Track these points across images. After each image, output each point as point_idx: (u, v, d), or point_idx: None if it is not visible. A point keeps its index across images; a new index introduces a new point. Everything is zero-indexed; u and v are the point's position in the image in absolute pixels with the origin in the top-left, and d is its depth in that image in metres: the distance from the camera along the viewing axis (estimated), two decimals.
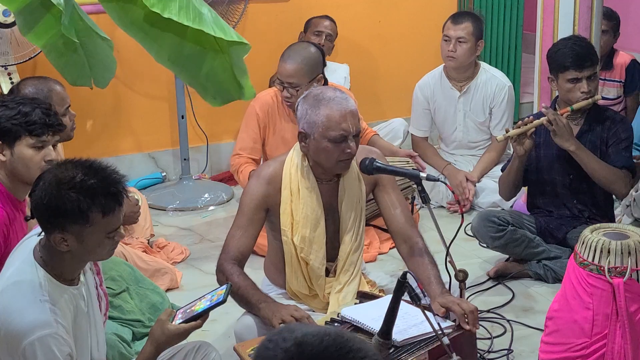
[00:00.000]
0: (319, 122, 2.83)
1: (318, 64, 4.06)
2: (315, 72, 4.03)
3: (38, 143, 2.75)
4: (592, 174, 3.72)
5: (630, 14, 5.89)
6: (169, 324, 2.32)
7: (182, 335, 2.33)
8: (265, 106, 4.22)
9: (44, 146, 2.76)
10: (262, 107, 4.22)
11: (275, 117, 4.22)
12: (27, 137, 2.73)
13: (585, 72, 3.70)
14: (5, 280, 2.23)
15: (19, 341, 2.13)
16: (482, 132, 4.88)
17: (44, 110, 2.77)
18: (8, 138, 2.73)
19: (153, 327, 2.36)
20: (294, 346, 1.36)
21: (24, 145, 2.74)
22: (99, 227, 2.18)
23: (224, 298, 2.32)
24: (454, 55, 4.66)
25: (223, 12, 4.93)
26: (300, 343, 1.36)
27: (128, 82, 5.04)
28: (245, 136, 4.26)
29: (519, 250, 3.84)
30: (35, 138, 2.74)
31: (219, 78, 2.12)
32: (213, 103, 2.20)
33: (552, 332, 2.80)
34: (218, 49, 2.46)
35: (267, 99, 4.24)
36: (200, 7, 2.06)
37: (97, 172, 2.20)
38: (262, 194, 2.96)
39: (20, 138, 2.73)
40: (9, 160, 2.75)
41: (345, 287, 2.97)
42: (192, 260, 4.21)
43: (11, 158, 2.74)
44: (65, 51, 2.24)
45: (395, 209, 3.03)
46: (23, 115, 2.73)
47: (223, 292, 2.34)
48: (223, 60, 2.45)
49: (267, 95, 4.26)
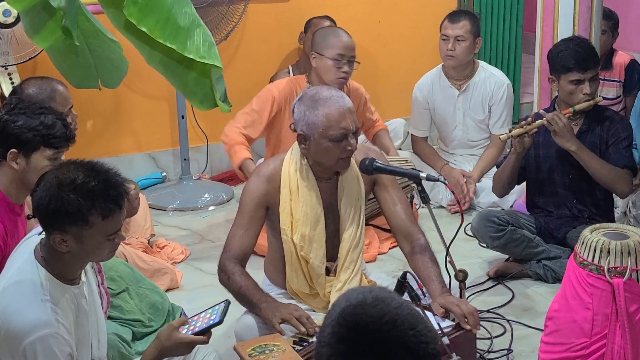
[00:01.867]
0: (319, 123, 2.83)
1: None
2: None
3: (55, 155, 2.75)
4: (593, 174, 3.72)
5: (630, 14, 5.89)
6: (178, 331, 2.31)
7: (187, 346, 2.32)
8: (284, 91, 4.17)
9: (58, 158, 2.75)
10: (282, 92, 4.17)
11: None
12: (45, 149, 2.73)
13: (588, 73, 3.70)
14: (6, 280, 2.23)
15: (19, 341, 2.13)
16: (481, 130, 4.88)
17: (64, 123, 2.77)
18: (26, 148, 2.72)
19: (162, 330, 2.36)
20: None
21: (41, 156, 2.73)
22: (99, 229, 2.19)
23: (220, 319, 2.31)
24: (453, 54, 4.66)
25: (223, 12, 4.93)
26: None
27: (128, 82, 5.04)
28: (251, 111, 4.18)
29: (519, 250, 3.84)
30: (54, 150, 2.74)
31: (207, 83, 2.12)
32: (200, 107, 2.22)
33: (552, 332, 2.80)
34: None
35: (286, 86, 4.20)
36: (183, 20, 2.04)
37: (98, 174, 2.20)
38: (262, 192, 2.96)
39: (39, 149, 2.73)
40: (22, 169, 2.73)
41: (346, 286, 2.96)
42: (192, 260, 4.21)
43: (25, 167, 2.73)
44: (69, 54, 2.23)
45: (395, 206, 3.03)
46: (45, 127, 2.72)
47: (220, 312, 2.33)
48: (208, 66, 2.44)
49: (288, 85, 4.21)
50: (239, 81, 5.27)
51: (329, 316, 1.45)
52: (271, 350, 2.53)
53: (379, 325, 1.39)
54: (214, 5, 4.85)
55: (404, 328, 1.39)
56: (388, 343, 1.38)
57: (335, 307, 1.45)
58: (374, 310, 1.41)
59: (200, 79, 2.12)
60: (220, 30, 4.95)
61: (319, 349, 1.43)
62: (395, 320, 1.40)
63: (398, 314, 1.41)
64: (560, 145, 3.71)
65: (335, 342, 1.41)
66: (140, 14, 1.97)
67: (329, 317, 1.45)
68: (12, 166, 2.73)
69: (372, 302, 1.43)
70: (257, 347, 2.55)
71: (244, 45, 5.32)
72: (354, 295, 1.46)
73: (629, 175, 3.76)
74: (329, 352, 1.41)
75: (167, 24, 2.01)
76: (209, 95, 2.13)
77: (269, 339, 2.61)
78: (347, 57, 4.07)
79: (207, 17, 4.83)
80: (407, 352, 1.38)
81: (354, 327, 1.40)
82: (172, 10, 2.03)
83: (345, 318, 1.42)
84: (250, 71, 5.29)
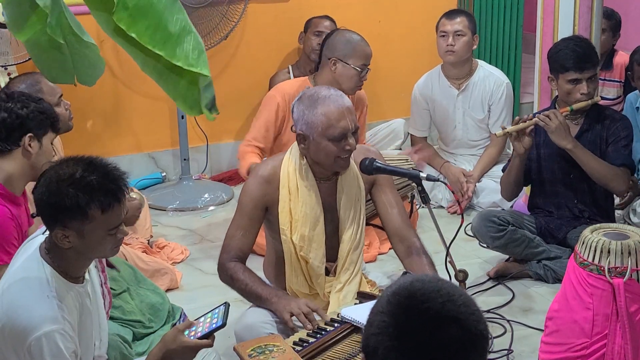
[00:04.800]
0: (318, 122, 2.83)
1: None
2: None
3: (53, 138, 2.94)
4: (590, 172, 3.73)
5: (630, 14, 5.89)
6: (183, 334, 2.30)
7: (192, 350, 2.31)
8: (288, 97, 4.10)
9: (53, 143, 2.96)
10: (285, 97, 4.12)
11: None
12: (50, 133, 2.92)
13: (586, 73, 3.70)
14: (12, 277, 2.24)
15: (25, 337, 2.14)
16: (481, 130, 4.88)
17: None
18: (39, 131, 2.88)
19: (167, 333, 2.35)
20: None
21: (48, 139, 2.91)
22: (99, 223, 2.19)
23: (223, 322, 2.30)
24: (453, 49, 4.66)
25: (223, 12, 4.92)
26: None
27: (128, 82, 5.04)
28: (258, 124, 4.16)
29: (519, 250, 3.84)
30: (55, 134, 2.95)
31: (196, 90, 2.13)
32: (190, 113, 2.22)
33: (552, 332, 2.80)
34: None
35: (290, 90, 4.14)
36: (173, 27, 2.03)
37: (97, 168, 2.22)
38: (261, 193, 2.96)
39: (47, 132, 2.90)
40: (35, 154, 2.86)
41: (346, 287, 2.97)
42: (192, 261, 4.21)
43: (39, 151, 2.86)
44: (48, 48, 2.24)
45: (392, 209, 3.03)
46: (50, 111, 2.93)
47: (222, 315, 2.33)
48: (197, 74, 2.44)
49: (291, 88, 4.15)
50: (238, 81, 5.28)
51: (385, 290, 1.50)
52: (271, 351, 2.53)
53: (435, 297, 1.43)
54: (214, 5, 4.85)
55: (459, 304, 1.43)
56: (443, 314, 1.42)
57: (392, 284, 1.51)
58: (430, 284, 1.46)
59: (190, 86, 2.13)
60: (220, 30, 4.94)
61: (372, 317, 1.46)
62: (451, 295, 1.44)
63: (454, 292, 1.45)
64: (556, 143, 3.71)
65: (391, 310, 1.44)
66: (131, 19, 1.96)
67: (386, 290, 1.49)
68: (28, 150, 2.83)
69: (429, 279, 1.48)
70: (257, 348, 2.55)
71: (244, 45, 5.32)
72: (409, 275, 1.53)
73: (626, 173, 3.76)
74: (383, 319, 1.44)
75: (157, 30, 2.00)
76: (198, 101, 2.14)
77: (269, 340, 2.61)
78: (368, 66, 4.09)
79: (207, 17, 4.83)
80: (459, 327, 1.41)
81: (411, 295, 1.45)
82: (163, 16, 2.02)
83: (404, 288, 1.47)
84: (250, 71, 5.29)
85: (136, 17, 1.98)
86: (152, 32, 2.00)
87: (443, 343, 1.40)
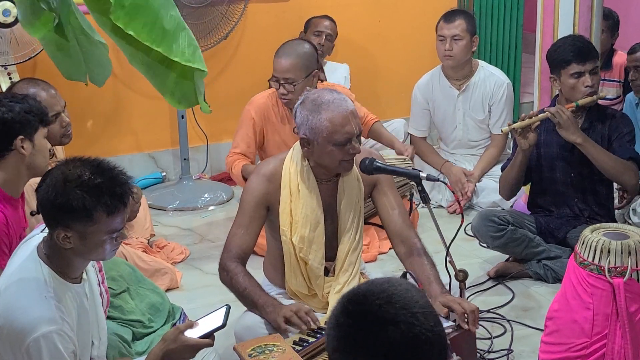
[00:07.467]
0: (322, 127, 2.82)
1: (313, 59, 4.06)
2: (311, 68, 4.03)
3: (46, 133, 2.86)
4: (601, 166, 3.70)
5: (630, 14, 5.89)
6: (183, 334, 2.30)
7: (192, 349, 2.31)
8: (260, 110, 4.19)
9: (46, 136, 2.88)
10: (258, 111, 4.19)
11: (272, 119, 4.20)
12: (41, 128, 2.83)
13: (588, 65, 3.69)
14: (9, 277, 2.24)
15: (23, 338, 2.13)
16: (481, 130, 4.88)
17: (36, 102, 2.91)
18: (29, 131, 2.79)
19: (167, 332, 2.36)
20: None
21: (41, 136, 2.83)
22: (103, 226, 2.20)
23: (223, 322, 2.31)
24: (450, 53, 4.66)
25: (223, 12, 4.93)
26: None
27: (128, 82, 5.04)
28: (240, 140, 4.24)
29: (519, 250, 3.84)
30: (46, 128, 2.86)
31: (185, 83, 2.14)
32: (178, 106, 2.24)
33: (552, 332, 2.80)
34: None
35: (261, 102, 4.21)
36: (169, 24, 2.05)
37: (104, 171, 2.22)
38: (263, 192, 2.96)
39: (38, 129, 2.81)
40: (30, 154, 2.79)
41: (345, 287, 2.96)
42: (192, 260, 4.21)
43: (33, 150, 2.80)
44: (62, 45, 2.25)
45: (392, 210, 3.03)
46: (36, 107, 2.83)
47: (223, 316, 2.33)
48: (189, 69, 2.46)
49: (262, 98, 4.23)
50: (238, 81, 5.28)
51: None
52: (271, 351, 2.53)
53: (374, 299, 1.46)
54: (213, 5, 4.85)
55: (397, 306, 1.44)
56: (379, 316, 1.44)
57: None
58: (376, 287, 1.48)
59: (179, 80, 2.14)
60: (220, 30, 4.95)
61: (328, 317, 1.52)
62: (390, 297, 1.45)
63: (397, 294, 1.46)
64: (565, 138, 3.69)
65: (337, 311, 1.49)
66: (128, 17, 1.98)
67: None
68: (21, 152, 2.77)
69: (381, 282, 1.50)
70: (257, 348, 2.55)
71: (243, 45, 5.32)
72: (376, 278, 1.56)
73: (635, 167, 3.75)
74: (332, 320, 1.49)
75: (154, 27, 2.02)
76: (187, 95, 2.16)
77: (269, 339, 2.61)
78: (281, 79, 4.02)
79: (207, 17, 4.83)
80: (396, 329, 1.43)
81: (353, 297, 1.49)
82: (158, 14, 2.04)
83: (353, 290, 1.51)
84: (250, 71, 5.29)
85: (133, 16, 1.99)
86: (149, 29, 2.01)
87: (381, 345, 1.42)
